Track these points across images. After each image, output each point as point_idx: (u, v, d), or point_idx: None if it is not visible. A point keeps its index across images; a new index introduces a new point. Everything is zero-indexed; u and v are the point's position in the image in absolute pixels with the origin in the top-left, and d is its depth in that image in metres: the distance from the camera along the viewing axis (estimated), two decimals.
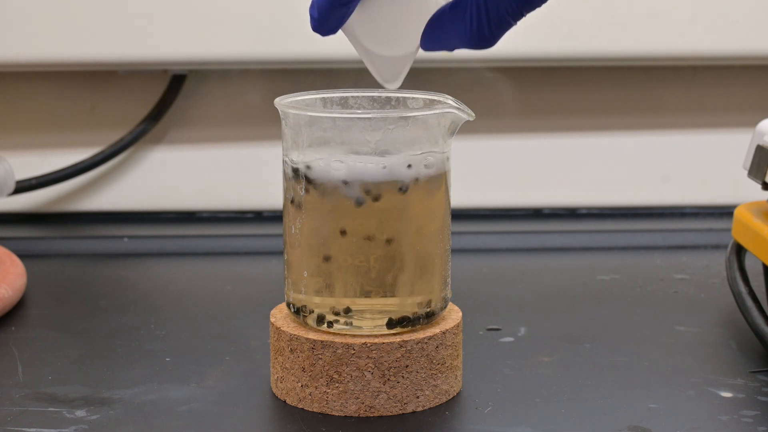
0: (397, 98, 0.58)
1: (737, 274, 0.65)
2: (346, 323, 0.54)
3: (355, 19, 0.54)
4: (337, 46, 0.86)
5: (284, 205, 0.56)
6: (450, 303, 0.58)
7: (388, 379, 0.53)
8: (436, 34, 0.53)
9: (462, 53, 0.88)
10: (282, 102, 0.55)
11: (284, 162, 0.56)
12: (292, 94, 0.57)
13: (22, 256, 0.76)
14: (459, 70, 0.89)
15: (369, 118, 0.53)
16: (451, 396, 0.56)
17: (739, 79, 0.94)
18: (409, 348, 0.54)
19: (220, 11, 0.86)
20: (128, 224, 0.92)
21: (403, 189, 0.54)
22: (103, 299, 0.73)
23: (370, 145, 0.54)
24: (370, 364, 0.53)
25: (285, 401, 0.55)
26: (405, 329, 0.55)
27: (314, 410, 0.54)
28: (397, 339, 0.54)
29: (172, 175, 0.93)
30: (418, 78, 0.76)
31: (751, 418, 0.53)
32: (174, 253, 0.85)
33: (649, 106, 0.94)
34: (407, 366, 0.54)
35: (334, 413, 0.54)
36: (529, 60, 0.89)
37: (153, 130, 0.92)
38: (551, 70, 0.93)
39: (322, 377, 0.54)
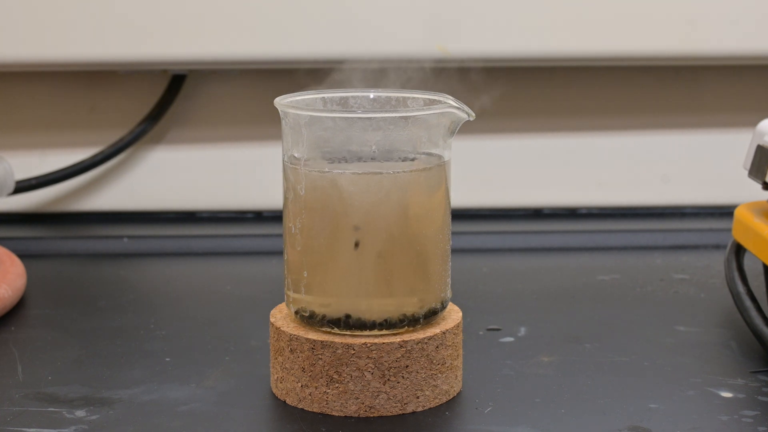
0: (397, 98, 0.58)
1: (736, 274, 0.65)
2: (345, 323, 0.54)
3: None
4: (337, 46, 0.87)
5: (284, 205, 0.56)
6: (450, 303, 0.58)
7: (388, 379, 0.53)
8: None
9: (461, 53, 0.88)
10: (282, 102, 0.55)
11: (284, 162, 0.56)
12: (292, 94, 0.57)
13: (22, 256, 0.76)
14: (459, 70, 0.89)
15: (369, 118, 0.53)
16: (451, 396, 0.56)
17: (739, 79, 0.94)
18: (409, 348, 0.54)
19: (220, 11, 0.86)
20: (128, 224, 0.92)
21: (402, 189, 0.54)
22: (103, 299, 0.73)
23: (370, 144, 0.54)
24: (370, 364, 0.53)
25: (285, 401, 0.55)
26: (405, 329, 0.55)
27: (314, 410, 0.54)
28: (397, 339, 0.54)
29: (172, 175, 0.93)
30: (418, 78, 0.76)
31: (751, 418, 0.53)
32: (174, 253, 0.85)
33: (649, 106, 0.94)
34: (407, 366, 0.54)
35: (334, 413, 0.54)
36: (529, 60, 0.89)
37: (153, 130, 0.92)
38: (551, 70, 0.93)
39: (322, 377, 0.54)
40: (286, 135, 0.55)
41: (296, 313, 0.56)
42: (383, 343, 0.53)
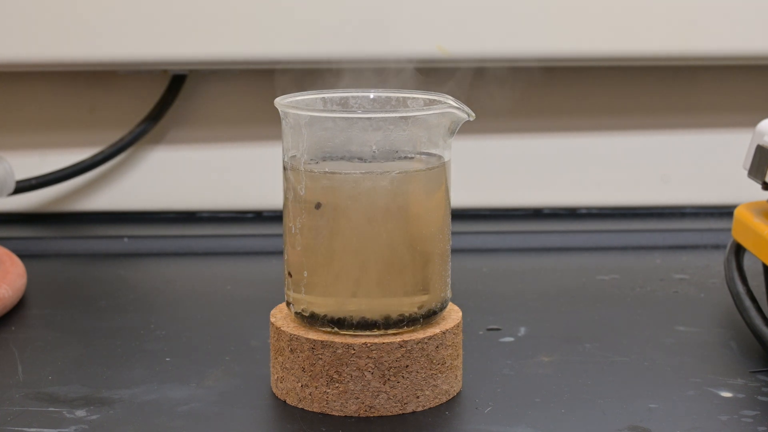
0: (397, 98, 0.58)
1: (735, 274, 0.65)
2: (346, 323, 0.54)
3: None
4: (337, 46, 0.87)
5: (284, 205, 0.56)
6: (450, 303, 0.58)
7: (388, 379, 0.54)
8: None
9: (461, 53, 0.88)
10: (282, 102, 0.55)
11: (284, 162, 0.56)
12: (292, 94, 0.57)
13: (22, 256, 0.76)
14: (459, 70, 0.89)
15: (369, 118, 0.53)
16: (451, 396, 0.56)
17: (739, 79, 0.94)
18: (409, 348, 0.54)
19: (219, 11, 0.86)
20: (128, 224, 0.92)
21: (402, 189, 0.54)
22: (103, 299, 0.73)
23: (370, 145, 0.54)
24: (370, 364, 0.53)
25: (285, 401, 0.55)
26: (405, 329, 0.55)
27: (314, 410, 0.54)
28: (397, 339, 0.54)
29: (172, 175, 0.93)
30: (418, 78, 0.76)
31: (751, 418, 0.53)
32: (174, 253, 0.85)
33: (650, 106, 0.94)
34: (407, 366, 0.54)
35: (334, 413, 0.54)
36: (530, 60, 0.89)
37: (153, 130, 0.92)
38: (551, 70, 0.93)
39: (322, 377, 0.54)
40: (286, 135, 0.55)
41: (296, 313, 0.56)
42: (383, 343, 0.53)
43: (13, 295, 0.69)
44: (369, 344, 0.53)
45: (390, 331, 0.54)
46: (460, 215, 0.90)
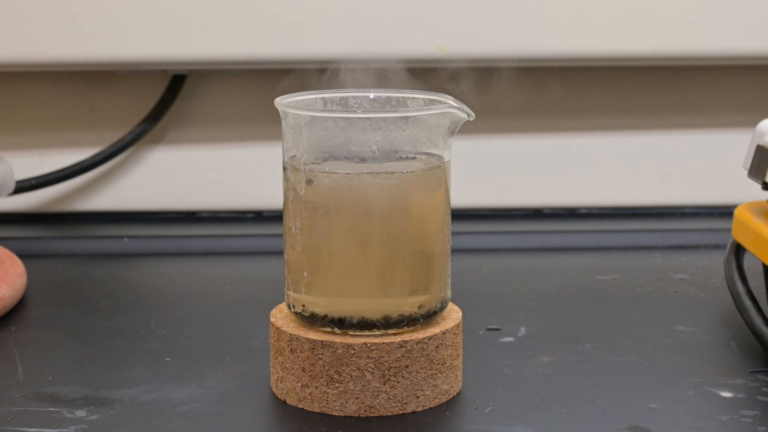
0: (397, 98, 0.58)
1: (735, 274, 0.65)
2: (346, 323, 0.54)
3: None
4: (337, 46, 0.87)
5: (284, 205, 0.56)
6: (450, 303, 0.58)
7: (388, 379, 0.54)
8: None
9: (461, 53, 0.88)
10: (282, 102, 0.55)
11: (284, 162, 0.56)
12: (292, 94, 0.57)
13: (22, 256, 0.76)
14: (459, 70, 0.89)
15: (369, 118, 0.53)
16: (451, 396, 0.56)
17: (739, 79, 0.94)
18: (409, 348, 0.54)
19: (220, 11, 0.86)
20: (128, 224, 0.92)
21: (402, 189, 0.54)
22: (103, 299, 0.73)
23: (370, 145, 0.54)
24: (370, 364, 0.53)
25: (285, 401, 0.55)
26: (405, 329, 0.55)
27: (314, 410, 0.54)
28: (397, 339, 0.54)
29: (172, 175, 0.93)
30: (418, 78, 0.76)
31: (751, 418, 0.53)
32: (174, 253, 0.85)
33: (650, 106, 0.94)
34: (407, 366, 0.54)
35: (334, 413, 0.54)
36: (529, 60, 0.89)
37: (153, 130, 0.92)
38: (551, 70, 0.93)
39: (322, 377, 0.54)
40: (286, 135, 0.55)
41: (296, 313, 0.56)
42: (383, 343, 0.53)
43: (13, 295, 0.69)
44: (369, 344, 0.53)
45: (390, 331, 0.54)
46: (460, 215, 0.90)
